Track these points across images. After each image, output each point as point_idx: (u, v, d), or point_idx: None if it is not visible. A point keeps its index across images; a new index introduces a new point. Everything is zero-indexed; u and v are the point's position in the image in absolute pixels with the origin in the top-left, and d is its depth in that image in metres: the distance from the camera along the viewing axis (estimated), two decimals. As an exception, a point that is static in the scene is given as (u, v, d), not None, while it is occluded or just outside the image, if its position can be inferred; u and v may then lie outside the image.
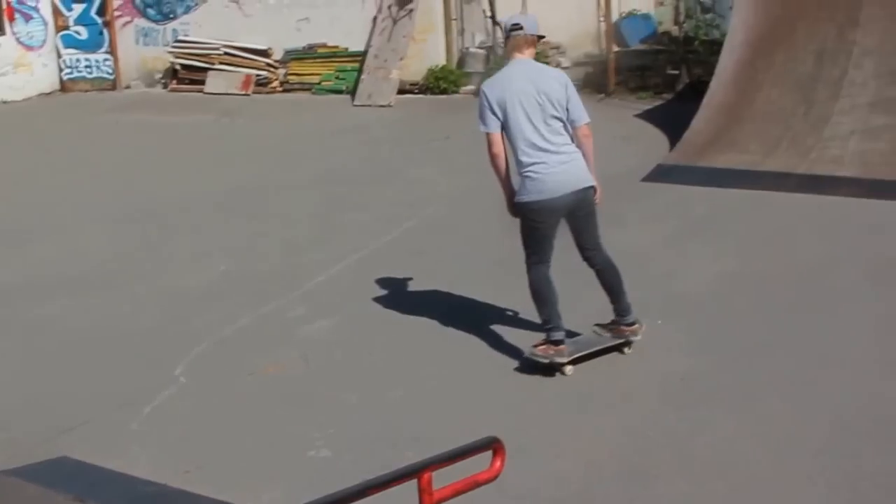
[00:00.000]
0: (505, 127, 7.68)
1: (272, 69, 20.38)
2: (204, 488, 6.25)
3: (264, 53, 20.44)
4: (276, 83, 20.32)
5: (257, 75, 20.32)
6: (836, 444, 6.65)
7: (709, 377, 7.66)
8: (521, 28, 7.83)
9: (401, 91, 18.69)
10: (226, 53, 20.63)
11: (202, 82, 20.70)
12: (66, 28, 22.40)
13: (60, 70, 22.55)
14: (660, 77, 17.86)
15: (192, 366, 8.48)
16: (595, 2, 21.26)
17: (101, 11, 22.23)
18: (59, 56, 22.50)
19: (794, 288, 9.19)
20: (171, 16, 21.62)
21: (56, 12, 22.37)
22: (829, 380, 7.48)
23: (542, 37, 8.00)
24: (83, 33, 22.37)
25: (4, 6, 21.72)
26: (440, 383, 7.89)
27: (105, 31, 22.24)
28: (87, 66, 22.37)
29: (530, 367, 7.85)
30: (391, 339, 8.77)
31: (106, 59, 22.27)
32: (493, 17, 19.00)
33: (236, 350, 8.74)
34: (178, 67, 21.21)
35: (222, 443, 7.28)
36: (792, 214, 11.23)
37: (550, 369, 7.72)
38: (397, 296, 9.59)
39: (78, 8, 22.30)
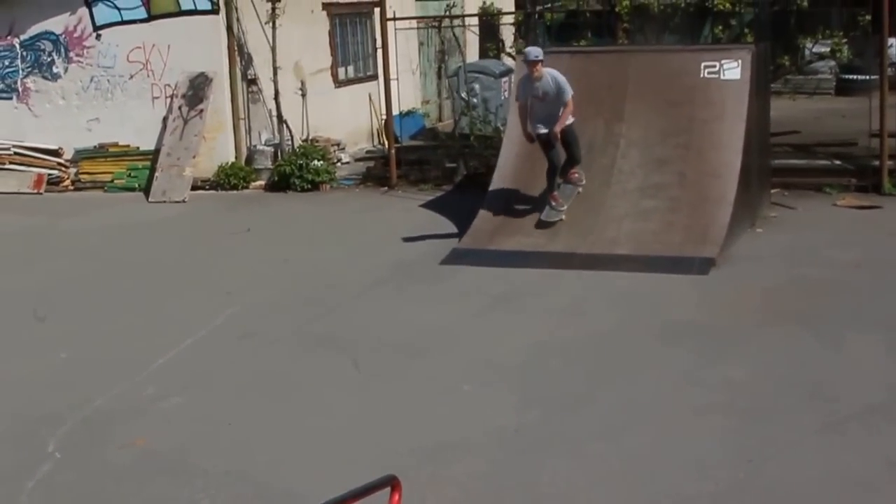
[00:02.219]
0: None
1: (64, 168, 20.90)
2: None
3: (55, 153, 20.95)
4: (68, 182, 20.84)
5: (49, 174, 20.80)
6: (652, 480, 7.82)
7: (539, 427, 8.78)
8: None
9: (193, 188, 19.49)
10: (15, 153, 21.04)
11: (-9, 182, 21.04)
12: None
13: None
14: (438, 170, 19.13)
15: (63, 442, 9.06)
16: (366, 101, 22.65)
17: None
18: None
19: (598, 350, 10.44)
20: (-43, 116, 21.89)
21: None
22: (645, 424, 8.69)
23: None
24: None
25: None
26: (301, 442, 8.77)
27: None
28: None
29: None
30: (242, 410, 9.61)
31: None
32: (279, 116, 20.05)
33: (101, 427, 9.37)
34: (-36, 167, 21.47)
35: (117, 505, 8.00)
36: (581, 288, 12.53)
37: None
38: (238, 372, 10.47)
39: None
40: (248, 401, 9.81)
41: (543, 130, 14.39)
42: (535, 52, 14.28)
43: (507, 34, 23.22)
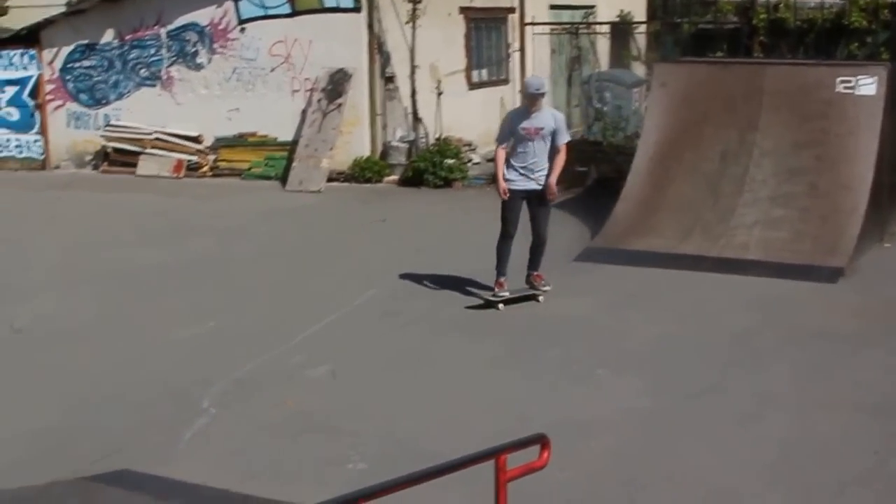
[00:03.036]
0: None
1: (203, 155, 21.63)
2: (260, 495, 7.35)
3: (195, 140, 21.68)
4: (206, 168, 21.57)
5: (188, 160, 21.54)
6: (783, 464, 8.14)
7: (671, 411, 9.14)
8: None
9: (328, 179, 20.10)
10: (157, 139, 21.82)
11: (134, 165, 21.87)
12: (-3, 109, 23.44)
13: (-10, 148, 23.52)
14: (569, 173, 19.44)
15: (216, 401, 9.64)
16: (497, 104, 23.09)
17: (33, 95, 23.28)
18: (-11, 135, 23.48)
19: (726, 346, 10.75)
20: (104, 101, 22.79)
21: (-13, 94, 23.42)
22: (775, 414, 9.01)
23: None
24: (14, 114, 23.44)
25: (-63, 86, 22.69)
26: (444, 412, 9.22)
27: (36, 114, 23.30)
28: (17, 146, 23.39)
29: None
30: (386, 379, 10.09)
31: (36, 140, 23.32)
32: (415, 113, 20.56)
33: (252, 389, 9.93)
34: (109, 150, 22.32)
35: (267, 459, 8.46)
36: (712, 290, 12.82)
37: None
38: (381, 346, 10.97)
39: (10, 90, 23.38)
40: (390, 372, 10.29)
41: (521, 186, 12.25)
42: (537, 83, 12.23)
43: (640, 43, 23.54)
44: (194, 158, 21.65)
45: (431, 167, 19.61)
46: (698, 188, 15.22)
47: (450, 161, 19.67)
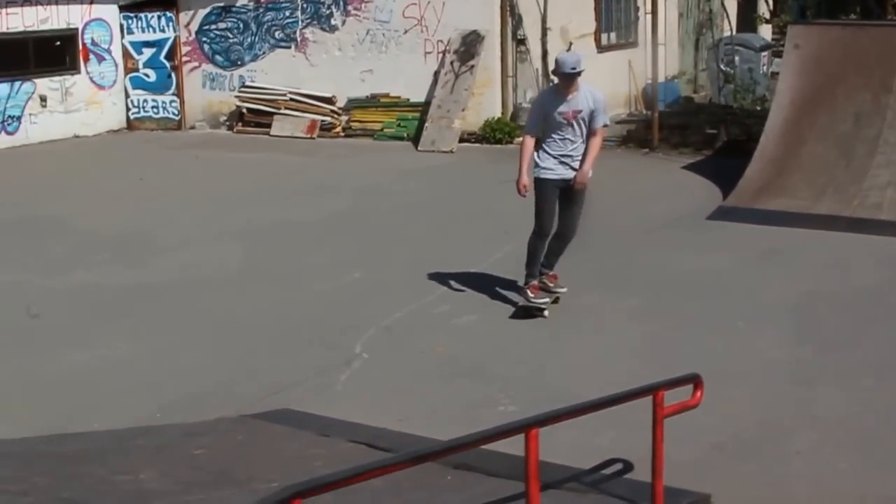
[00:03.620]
0: None
1: (336, 115, 22.09)
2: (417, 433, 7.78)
3: (329, 101, 22.15)
4: (339, 129, 22.04)
5: (321, 121, 22.03)
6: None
7: (811, 362, 9.37)
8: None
9: (459, 140, 20.45)
10: (291, 99, 22.33)
11: (267, 125, 22.40)
12: (136, 70, 24.15)
13: (128, 109, 24.25)
14: (699, 135, 19.66)
15: (369, 346, 10.06)
16: (625, 67, 23.27)
17: (170, 56, 23.92)
18: (128, 96, 24.21)
19: (864, 301, 10.93)
20: (239, 63, 23.36)
21: (126, 55, 24.14)
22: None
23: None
24: (152, 76, 24.09)
25: (80, 47, 23.38)
26: (589, 360, 9.54)
27: (173, 75, 23.94)
28: (153, 107, 24.06)
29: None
30: (528, 330, 10.43)
31: (172, 101, 23.97)
32: (546, 75, 20.81)
33: (401, 335, 10.34)
34: (244, 111, 22.89)
35: (420, 401, 8.83)
36: (845, 248, 12.97)
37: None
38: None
39: (148, 52, 24.03)
40: (533, 322, 10.62)
41: (559, 175, 10.59)
42: (572, 59, 10.46)
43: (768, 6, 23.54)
44: (327, 119, 22.12)
45: (561, 128, 19.83)
46: (831, 149, 15.33)
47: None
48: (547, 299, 10.77)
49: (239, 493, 6.27)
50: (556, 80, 10.71)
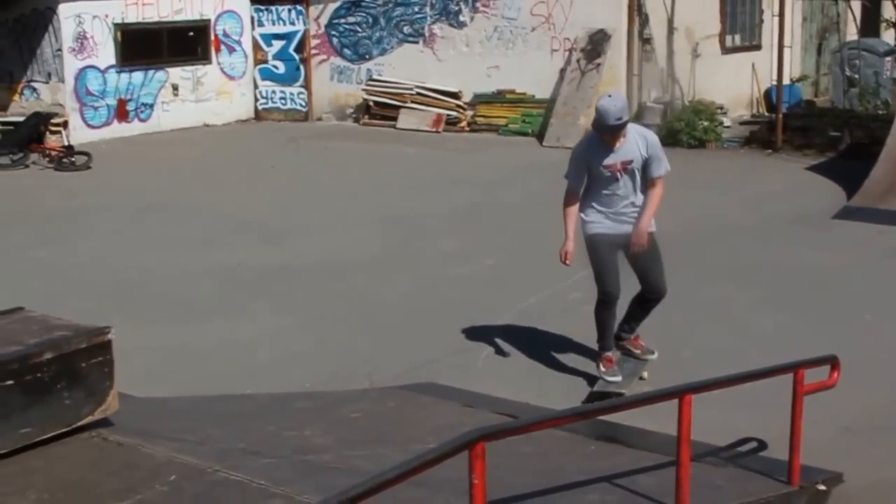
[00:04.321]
0: None
1: (461, 110, 22.52)
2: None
3: (455, 95, 22.58)
4: (464, 123, 22.47)
5: (447, 115, 22.47)
6: None
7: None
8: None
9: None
10: (418, 93, 22.80)
11: (393, 118, 22.90)
12: (265, 62, 24.80)
13: (256, 100, 24.89)
14: (822, 138, 19.77)
15: (506, 328, 10.44)
16: (748, 69, 23.40)
17: (299, 49, 24.52)
18: (256, 87, 24.85)
19: None
20: (367, 56, 23.89)
21: (256, 47, 24.78)
22: None
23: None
24: (280, 68, 24.73)
25: (212, 38, 24.08)
26: (716, 342, 9.84)
27: (301, 67, 24.55)
28: (281, 98, 24.68)
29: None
30: (660, 316, 10.73)
31: (300, 93, 24.58)
32: (672, 75, 21.08)
33: (537, 319, 10.71)
34: (371, 104, 23.40)
35: (558, 379, 9.23)
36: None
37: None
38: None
39: (277, 44, 24.66)
40: (663, 311, 10.90)
41: (612, 230, 8.93)
42: (616, 109, 8.40)
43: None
44: (453, 113, 22.55)
45: (686, 127, 20.07)
46: (958, 152, 15.45)
47: (704, 123, 20.11)
48: (619, 378, 9.06)
49: (400, 451, 6.67)
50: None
